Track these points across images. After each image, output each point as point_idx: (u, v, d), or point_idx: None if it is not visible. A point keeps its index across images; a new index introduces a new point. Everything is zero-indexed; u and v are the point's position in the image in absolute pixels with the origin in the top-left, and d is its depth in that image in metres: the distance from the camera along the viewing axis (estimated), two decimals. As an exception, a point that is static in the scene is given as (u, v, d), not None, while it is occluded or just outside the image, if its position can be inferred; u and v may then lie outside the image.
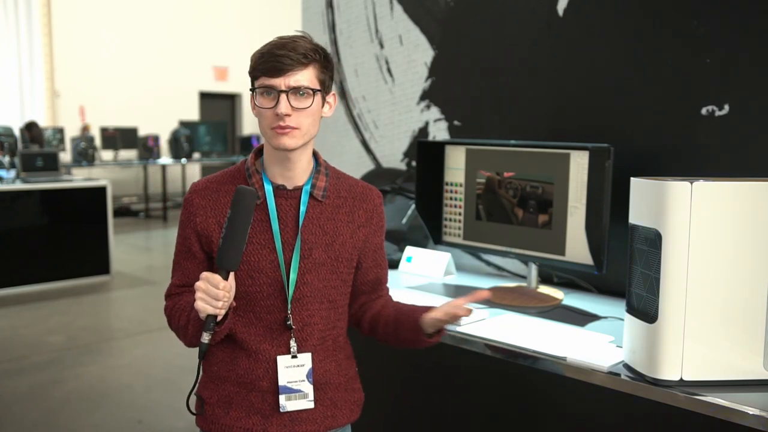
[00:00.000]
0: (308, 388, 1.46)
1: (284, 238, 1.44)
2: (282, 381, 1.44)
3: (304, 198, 1.46)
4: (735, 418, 1.37)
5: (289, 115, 1.36)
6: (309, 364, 1.46)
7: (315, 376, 1.47)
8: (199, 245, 1.46)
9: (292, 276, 1.43)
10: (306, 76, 1.37)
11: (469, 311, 1.41)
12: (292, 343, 1.45)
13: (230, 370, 1.46)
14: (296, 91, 1.36)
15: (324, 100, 1.43)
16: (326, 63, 1.42)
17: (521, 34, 2.42)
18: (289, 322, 1.44)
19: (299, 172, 1.46)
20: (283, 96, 1.35)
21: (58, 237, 6.32)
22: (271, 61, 1.35)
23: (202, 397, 1.50)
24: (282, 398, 1.45)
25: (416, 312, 1.50)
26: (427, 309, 1.47)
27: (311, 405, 1.46)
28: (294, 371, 1.45)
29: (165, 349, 4.62)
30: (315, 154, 1.51)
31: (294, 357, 1.45)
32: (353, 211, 1.51)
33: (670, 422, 1.70)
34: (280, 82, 1.35)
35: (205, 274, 1.30)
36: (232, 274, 1.33)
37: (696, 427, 1.61)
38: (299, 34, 1.42)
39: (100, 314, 5.81)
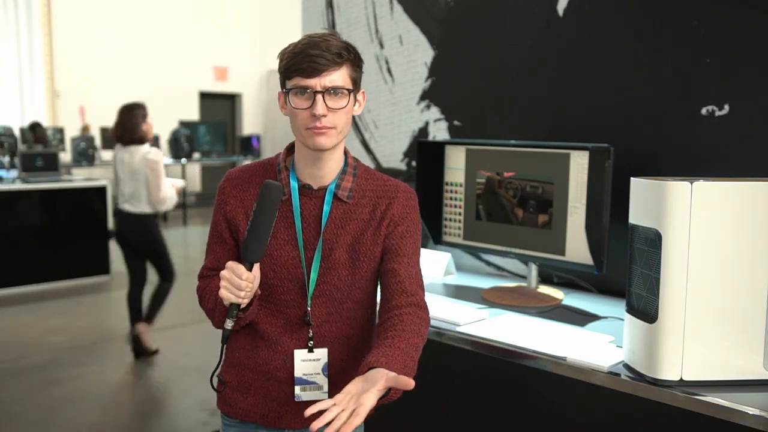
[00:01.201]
0: (323, 381, 1.49)
1: (306, 237, 1.46)
2: (298, 373, 1.48)
3: (328, 198, 1.46)
4: (735, 418, 1.37)
5: (325, 116, 1.36)
6: (325, 359, 1.48)
7: (333, 370, 1.49)
8: (228, 231, 1.50)
9: (313, 275, 1.45)
10: (340, 76, 1.37)
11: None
12: (310, 338, 1.48)
13: (250, 358, 1.51)
14: (331, 91, 1.36)
15: (355, 98, 1.44)
16: (357, 61, 1.42)
17: (521, 34, 2.42)
18: (307, 318, 1.46)
19: (328, 172, 1.46)
20: (319, 96, 1.35)
21: (58, 237, 6.32)
22: (306, 61, 1.34)
23: (224, 380, 1.55)
24: (297, 389, 1.49)
25: (366, 362, 1.28)
26: (357, 378, 1.23)
27: (325, 396, 1.48)
28: (310, 364, 1.48)
29: (165, 349, 4.61)
30: (345, 153, 1.51)
31: (310, 351, 1.48)
32: (376, 207, 1.49)
33: (670, 422, 1.70)
34: (316, 83, 1.35)
35: (230, 264, 1.33)
36: (257, 265, 1.36)
37: (696, 427, 1.61)
38: (328, 32, 1.41)
39: (100, 314, 5.81)
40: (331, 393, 1.48)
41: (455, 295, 2.24)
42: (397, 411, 2.43)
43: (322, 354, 1.48)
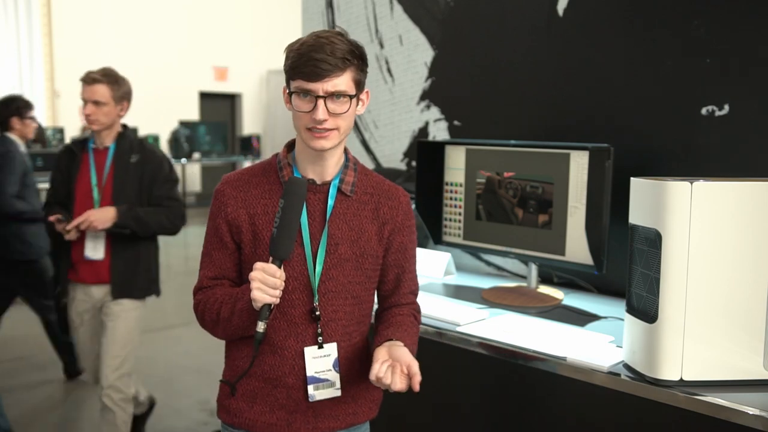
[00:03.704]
0: (335, 377, 1.46)
1: (311, 232, 1.44)
2: (310, 371, 1.44)
3: (332, 192, 1.46)
4: (735, 418, 1.37)
5: (326, 120, 1.35)
6: (335, 354, 1.46)
7: (341, 367, 1.48)
8: (230, 235, 1.47)
9: (318, 269, 1.43)
10: (344, 81, 1.35)
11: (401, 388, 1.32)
12: (319, 334, 1.44)
13: (256, 366, 1.45)
14: (333, 96, 1.34)
15: (359, 99, 1.42)
16: (363, 64, 1.40)
17: (521, 34, 2.42)
18: (317, 313, 1.43)
19: (330, 167, 1.46)
20: (321, 102, 1.34)
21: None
22: (309, 65, 1.32)
23: (230, 383, 1.50)
24: (310, 388, 1.45)
25: (375, 343, 1.46)
26: (380, 346, 1.41)
27: (338, 393, 1.47)
28: (321, 361, 1.45)
29: (165, 349, 4.61)
30: (345, 150, 1.51)
31: (320, 347, 1.45)
32: (378, 207, 1.50)
33: (670, 422, 1.70)
34: (318, 87, 1.33)
35: (260, 265, 1.33)
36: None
37: (696, 427, 1.61)
38: (336, 31, 1.38)
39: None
40: (343, 389, 1.48)
41: (455, 295, 2.24)
42: (397, 410, 2.43)
43: (332, 349, 1.46)
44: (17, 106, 3.87)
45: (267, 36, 12.73)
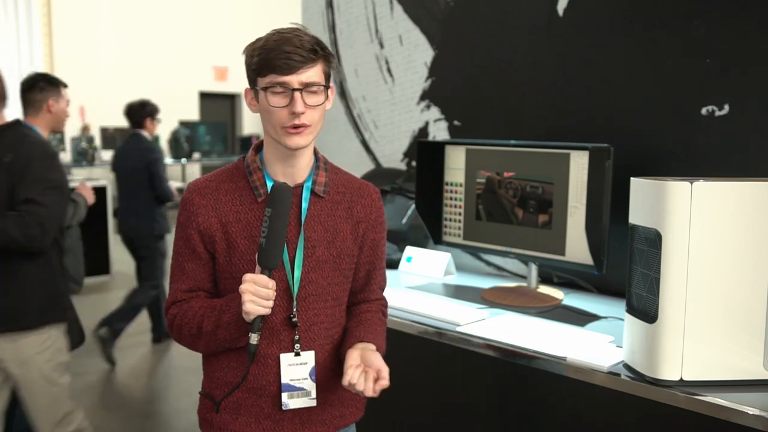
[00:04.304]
0: (311, 386, 1.43)
1: (288, 237, 1.40)
2: (285, 379, 1.42)
3: (306, 194, 1.43)
4: (735, 418, 1.37)
5: (303, 113, 1.33)
6: (312, 362, 1.43)
7: (323, 375, 1.45)
8: (203, 246, 1.42)
9: (297, 273, 1.41)
10: (316, 72, 1.34)
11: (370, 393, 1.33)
12: (296, 341, 1.42)
13: (238, 376, 1.41)
14: (308, 87, 1.33)
15: (327, 94, 1.41)
16: (329, 56, 1.40)
17: (521, 34, 2.42)
18: (294, 320, 1.41)
19: (301, 169, 1.43)
20: (297, 94, 1.32)
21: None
22: (281, 58, 1.30)
23: (213, 398, 1.47)
24: (284, 396, 1.42)
25: (347, 343, 1.45)
26: (352, 348, 1.40)
27: (314, 403, 1.44)
28: (297, 369, 1.42)
29: (165, 349, 4.62)
30: (314, 150, 1.49)
31: (297, 355, 1.42)
32: (352, 206, 1.48)
33: (670, 422, 1.70)
34: (293, 80, 1.31)
35: (250, 276, 1.30)
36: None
37: (696, 427, 1.61)
38: (295, 26, 1.38)
39: (100, 314, 5.80)
40: (319, 398, 1.45)
41: (455, 295, 2.24)
42: (396, 411, 2.43)
43: (309, 357, 1.43)
44: (151, 109, 4.75)
45: (267, 36, 12.73)
